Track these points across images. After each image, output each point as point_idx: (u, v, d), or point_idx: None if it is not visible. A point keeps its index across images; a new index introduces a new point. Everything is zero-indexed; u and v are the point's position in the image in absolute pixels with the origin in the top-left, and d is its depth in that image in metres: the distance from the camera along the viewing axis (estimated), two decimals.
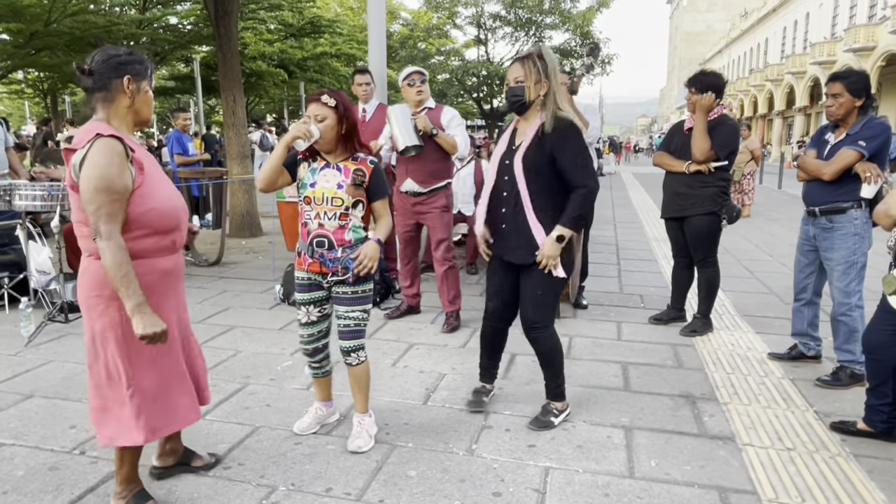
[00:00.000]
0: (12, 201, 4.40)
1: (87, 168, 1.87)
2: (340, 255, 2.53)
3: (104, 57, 1.97)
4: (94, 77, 1.95)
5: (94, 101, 1.99)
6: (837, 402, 3.13)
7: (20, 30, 16.30)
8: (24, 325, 3.99)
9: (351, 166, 2.57)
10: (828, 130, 3.35)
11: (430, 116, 4.14)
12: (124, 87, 1.98)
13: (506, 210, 2.78)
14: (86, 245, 2.00)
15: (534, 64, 2.69)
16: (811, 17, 37.73)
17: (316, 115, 2.50)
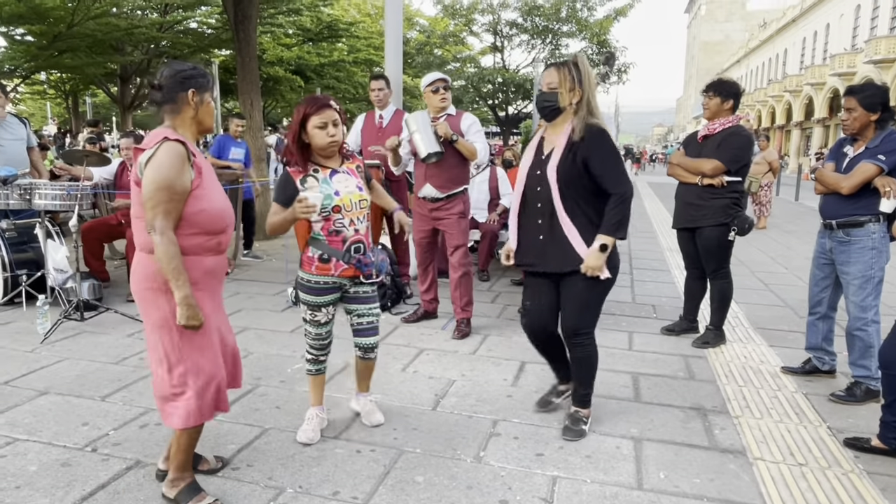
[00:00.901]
0: (32, 200, 4.48)
1: (152, 168, 2.01)
2: (372, 260, 2.67)
3: (171, 72, 2.12)
4: (163, 91, 2.11)
5: (162, 112, 2.15)
6: (851, 418, 3.08)
7: (43, 31, 16.60)
8: (40, 323, 4.05)
9: (352, 166, 2.69)
10: (846, 143, 3.32)
11: (450, 123, 4.15)
12: (189, 99, 2.13)
13: (542, 221, 2.74)
14: (141, 240, 2.12)
15: (569, 71, 2.68)
16: (831, 28, 37.43)
17: (333, 120, 2.55)
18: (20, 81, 21.09)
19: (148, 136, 2.12)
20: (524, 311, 2.96)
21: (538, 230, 2.76)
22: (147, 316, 2.15)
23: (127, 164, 5.39)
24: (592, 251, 2.64)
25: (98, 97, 28.79)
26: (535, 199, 2.76)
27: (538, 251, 2.77)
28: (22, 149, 5.11)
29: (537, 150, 2.83)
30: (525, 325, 2.96)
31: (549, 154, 2.74)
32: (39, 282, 4.70)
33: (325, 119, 2.52)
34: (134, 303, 4.85)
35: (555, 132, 2.77)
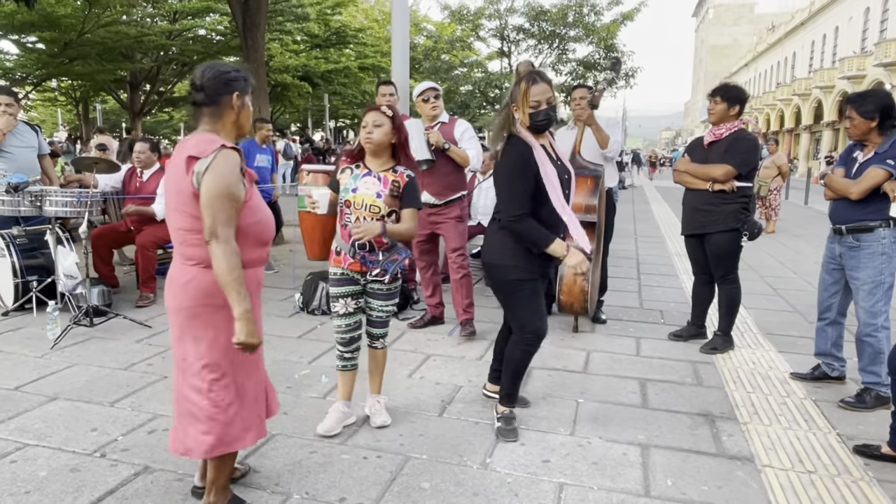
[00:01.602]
0: (42, 207, 4.52)
1: (212, 175, 1.92)
2: (381, 259, 2.74)
3: (214, 74, 2.02)
4: (205, 92, 2.01)
5: (200, 115, 2.04)
6: (861, 425, 3.06)
7: (55, 39, 16.79)
8: (50, 328, 4.08)
9: (390, 177, 2.77)
10: (856, 148, 3.31)
11: (444, 130, 4.22)
12: (233, 102, 2.05)
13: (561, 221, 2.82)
14: (193, 253, 2.00)
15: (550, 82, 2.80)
16: (840, 31, 37.25)
17: (374, 121, 2.72)
18: (32, 88, 21.34)
19: (193, 141, 1.99)
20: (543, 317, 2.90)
21: (559, 229, 2.84)
22: (194, 333, 2.02)
23: (136, 170, 5.42)
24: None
25: (108, 104, 29.10)
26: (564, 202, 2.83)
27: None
28: (33, 156, 5.16)
29: (552, 160, 2.81)
30: (542, 327, 2.86)
31: (559, 158, 2.88)
32: (50, 288, 4.74)
33: (367, 120, 2.77)
34: (143, 308, 4.94)
35: (544, 140, 2.84)
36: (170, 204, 2.04)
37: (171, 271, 2.08)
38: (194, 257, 2.00)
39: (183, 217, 1.99)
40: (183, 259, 2.03)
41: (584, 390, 3.46)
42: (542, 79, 2.72)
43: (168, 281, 2.09)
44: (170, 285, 2.07)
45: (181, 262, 2.03)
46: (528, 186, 2.69)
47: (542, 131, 2.81)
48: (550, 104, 2.73)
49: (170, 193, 2.03)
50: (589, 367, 3.82)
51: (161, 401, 3.21)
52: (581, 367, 3.82)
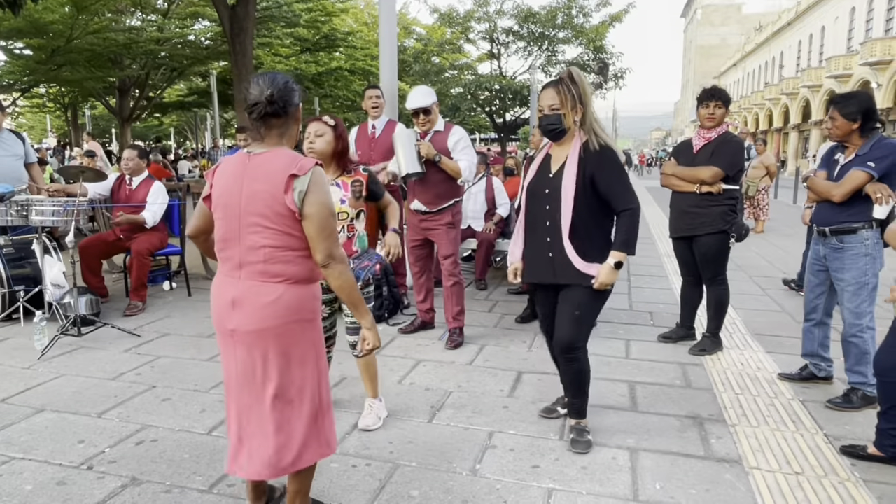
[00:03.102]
0: (29, 216, 4.49)
1: (319, 196, 1.89)
2: (352, 266, 2.77)
3: (284, 83, 1.92)
4: (276, 104, 1.90)
5: (270, 128, 1.93)
6: (848, 426, 3.08)
7: (42, 46, 16.69)
8: (37, 339, 4.05)
9: (348, 180, 2.81)
10: (837, 150, 3.34)
11: (438, 139, 4.17)
12: (298, 114, 2.00)
13: (550, 239, 2.73)
14: (281, 270, 1.92)
15: (568, 89, 2.65)
16: (827, 31, 37.58)
17: (316, 131, 2.76)
18: (19, 95, 21.18)
19: (278, 155, 1.90)
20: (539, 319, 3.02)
21: (547, 248, 2.75)
22: (285, 350, 1.95)
23: (125, 178, 5.40)
24: (607, 267, 2.66)
25: (97, 109, 28.92)
26: (542, 217, 2.74)
27: (547, 267, 2.77)
28: (18, 165, 5.13)
29: (542, 168, 2.80)
30: (545, 332, 3.01)
31: (557, 172, 2.73)
32: (37, 297, 4.71)
33: (309, 130, 2.79)
34: (131, 317, 4.91)
35: (562, 150, 2.75)
36: (251, 224, 1.90)
37: (241, 292, 1.93)
38: (282, 274, 1.92)
39: (274, 235, 1.90)
40: (265, 277, 1.92)
41: None
42: (553, 85, 2.69)
43: (234, 303, 1.93)
44: (243, 306, 1.92)
45: (262, 281, 1.92)
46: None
47: (548, 136, 2.76)
48: (552, 110, 2.67)
49: (253, 214, 1.89)
50: None
51: (149, 411, 3.19)
52: None
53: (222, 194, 1.96)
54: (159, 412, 3.19)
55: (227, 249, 1.97)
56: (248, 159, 1.93)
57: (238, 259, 1.94)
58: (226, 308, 1.96)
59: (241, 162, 1.94)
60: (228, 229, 1.95)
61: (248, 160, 1.93)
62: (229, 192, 1.94)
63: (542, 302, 2.96)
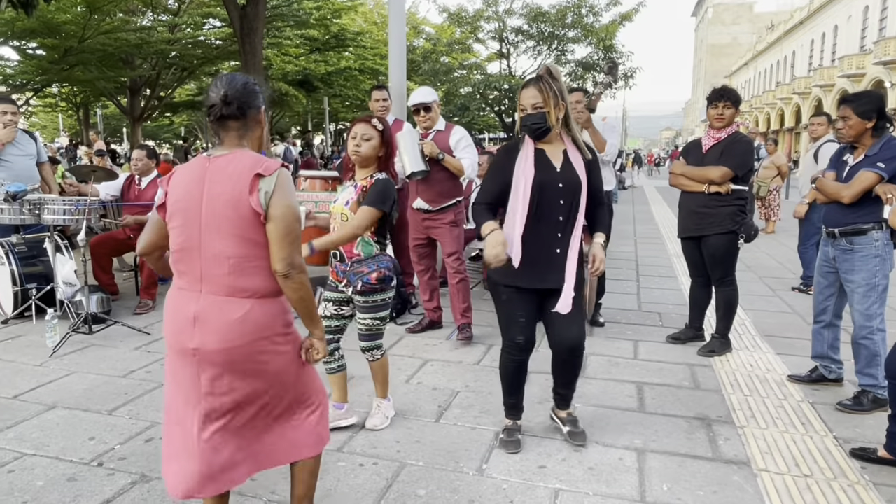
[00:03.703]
0: (41, 215, 4.54)
1: (284, 197, 1.78)
2: (348, 269, 2.82)
3: (243, 84, 1.83)
4: (233, 105, 1.81)
5: (227, 130, 1.84)
6: (858, 428, 3.06)
7: (55, 46, 16.83)
8: (49, 336, 4.09)
9: (363, 183, 2.80)
10: (846, 151, 3.31)
11: (439, 138, 4.23)
12: (261, 115, 1.90)
13: (561, 234, 2.68)
14: (248, 283, 1.80)
15: (549, 86, 2.62)
16: (840, 30, 37.24)
17: (363, 135, 2.74)
18: (32, 95, 21.39)
19: (240, 156, 1.81)
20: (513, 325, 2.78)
21: (555, 244, 2.68)
22: (264, 368, 1.85)
23: (135, 177, 5.44)
24: (599, 246, 2.78)
25: (109, 109, 29.15)
26: (554, 212, 2.67)
27: (554, 266, 2.68)
28: (31, 164, 5.18)
29: (541, 163, 2.70)
30: (524, 340, 2.76)
31: (563, 166, 2.70)
32: (49, 295, 4.75)
33: (356, 131, 2.80)
34: (141, 315, 4.95)
35: (554, 146, 2.73)
36: (214, 231, 1.78)
37: (203, 308, 1.79)
38: (249, 288, 1.80)
39: (239, 243, 1.77)
40: (231, 291, 1.79)
41: (581, 394, 3.45)
42: (534, 84, 2.65)
43: (196, 319, 1.79)
44: (206, 323, 1.78)
45: (228, 296, 1.79)
46: (493, 185, 2.77)
47: (532, 135, 2.69)
48: (535, 109, 2.63)
49: (215, 219, 1.77)
50: (586, 371, 3.82)
51: (158, 409, 3.22)
52: None
53: (179, 200, 1.81)
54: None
55: (185, 261, 1.82)
56: (209, 162, 1.81)
57: (199, 271, 1.80)
58: (185, 325, 1.80)
59: (201, 165, 1.82)
60: (188, 238, 1.80)
61: (209, 163, 1.81)
62: (188, 196, 1.80)
63: (524, 306, 2.74)
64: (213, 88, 1.83)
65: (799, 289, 6.12)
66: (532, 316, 2.78)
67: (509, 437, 2.87)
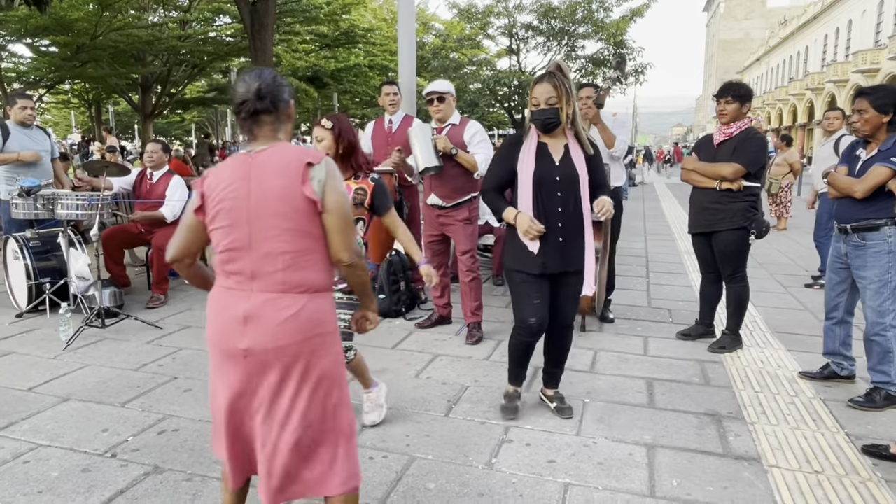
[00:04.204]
0: (55, 210, 4.59)
1: (337, 184, 1.76)
2: None
3: (273, 78, 1.79)
4: (266, 100, 1.76)
5: (261, 125, 1.78)
6: (870, 425, 3.04)
7: (67, 43, 16.97)
8: (63, 330, 4.14)
9: (353, 185, 2.74)
10: (859, 146, 3.28)
11: (454, 133, 4.19)
12: (290, 110, 1.84)
13: (562, 224, 2.85)
14: (304, 278, 1.75)
15: (561, 82, 2.76)
16: (854, 25, 36.84)
17: (317, 137, 2.73)
18: (45, 91, 21.58)
19: (284, 148, 1.77)
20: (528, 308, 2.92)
21: (557, 233, 2.85)
22: (308, 369, 1.76)
23: (146, 172, 5.48)
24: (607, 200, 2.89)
25: (120, 105, 29.37)
26: (554, 203, 2.84)
27: (559, 253, 2.87)
28: (46, 160, 5.24)
29: (542, 157, 2.86)
30: (535, 321, 2.92)
31: (562, 160, 2.86)
32: (62, 289, 4.81)
33: (314, 135, 2.76)
34: (153, 309, 5.00)
35: (556, 140, 2.89)
36: (266, 227, 1.72)
37: (254, 306, 1.73)
38: (304, 283, 1.75)
39: (294, 237, 1.73)
40: (286, 287, 1.73)
41: (591, 390, 3.46)
42: (548, 79, 2.78)
43: (247, 319, 1.73)
44: (258, 322, 1.72)
45: (282, 293, 1.73)
46: (500, 170, 2.99)
47: (543, 129, 2.85)
48: (549, 104, 2.77)
49: (267, 215, 1.72)
50: (596, 367, 3.82)
51: (170, 401, 3.25)
52: (588, 367, 3.82)
53: (223, 199, 1.75)
54: (181, 402, 3.24)
55: (235, 261, 1.75)
56: (251, 158, 1.76)
57: (250, 270, 1.74)
58: (235, 325, 1.74)
59: (243, 162, 1.76)
60: (237, 237, 1.74)
61: (251, 159, 1.75)
62: (234, 195, 1.74)
63: (537, 288, 2.91)
64: (242, 84, 1.77)
65: (815, 286, 6.04)
66: (545, 299, 2.94)
67: (509, 402, 3.15)
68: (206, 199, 1.78)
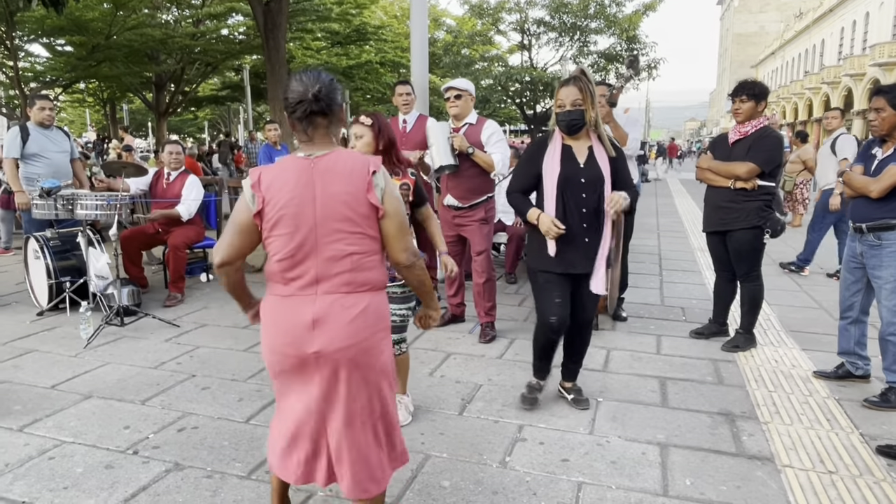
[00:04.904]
0: (74, 210, 4.67)
1: (393, 191, 1.84)
2: None
3: (329, 81, 1.80)
4: (322, 103, 1.78)
5: (316, 127, 1.81)
6: (885, 425, 3.03)
7: (83, 42, 17.16)
8: (83, 328, 4.22)
9: (396, 182, 2.77)
10: (875, 144, 3.26)
11: (471, 132, 4.19)
12: (342, 113, 1.88)
13: (587, 225, 2.94)
14: (367, 278, 1.82)
15: (586, 86, 2.87)
16: (871, 17, 36.27)
17: (356, 134, 2.76)
18: (61, 91, 21.84)
19: (347, 155, 1.82)
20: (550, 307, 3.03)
21: (584, 234, 2.94)
22: (372, 363, 1.84)
23: (163, 172, 5.55)
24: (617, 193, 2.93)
25: (134, 104, 29.64)
26: (580, 205, 2.92)
27: (582, 253, 2.97)
28: (66, 160, 5.34)
29: (566, 159, 2.95)
30: (556, 320, 3.01)
31: (586, 162, 2.95)
32: (82, 288, 4.89)
33: (351, 133, 2.81)
34: (171, 307, 5.07)
35: (580, 142, 2.98)
36: (332, 231, 1.77)
37: (322, 309, 1.78)
38: (368, 282, 1.82)
39: (360, 240, 1.80)
40: (352, 287, 1.80)
41: (604, 389, 3.48)
42: (574, 82, 2.88)
43: (315, 322, 1.77)
44: (328, 324, 1.77)
45: (346, 293, 1.79)
46: (525, 172, 3.08)
47: (568, 131, 2.94)
48: (575, 106, 2.86)
49: (333, 219, 1.77)
50: (609, 366, 3.83)
51: (189, 399, 3.31)
52: (601, 366, 3.83)
53: (288, 205, 1.76)
54: (199, 400, 3.30)
55: (299, 266, 1.78)
56: (312, 163, 1.78)
57: (315, 274, 1.78)
58: (304, 330, 1.77)
59: (306, 168, 1.78)
60: (302, 242, 1.77)
61: (313, 164, 1.78)
62: (298, 201, 1.76)
63: (559, 288, 3.02)
64: (299, 84, 1.77)
65: (789, 267, 6.50)
66: (567, 298, 3.04)
67: (529, 392, 3.25)
68: (265, 204, 1.78)
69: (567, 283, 3.02)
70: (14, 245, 7.52)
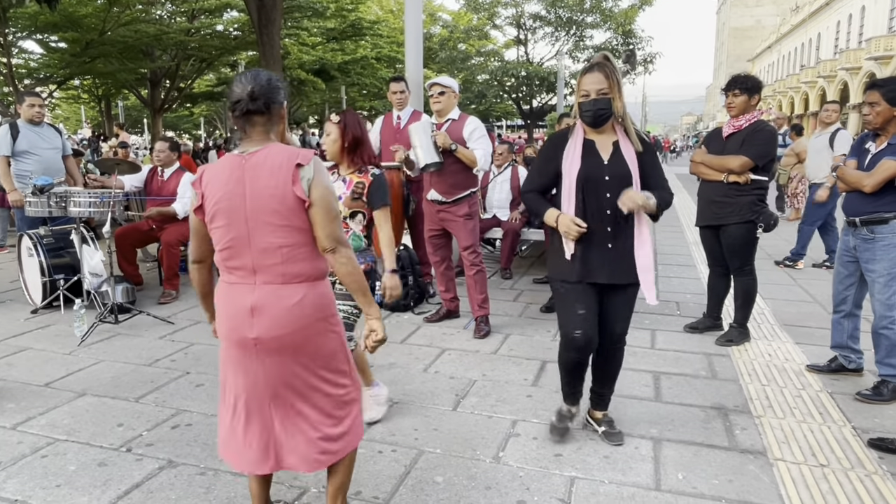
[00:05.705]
0: (67, 207, 4.65)
1: (322, 179, 1.86)
2: None
3: (267, 80, 1.87)
4: (259, 101, 1.84)
5: (253, 125, 1.87)
6: (877, 418, 3.05)
7: (76, 39, 17.07)
8: (77, 326, 4.21)
9: (355, 179, 2.78)
10: (868, 139, 3.27)
11: (453, 128, 4.23)
12: (283, 111, 1.94)
13: (611, 229, 2.60)
14: (301, 269, 1.88)
15: (612, 72, 2.55)
16: (867, 11, 36.32)
17: (326, 133, 2.83)
18: (55, 87, 21.74)
19: (276, 150, 1.86)
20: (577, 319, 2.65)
21: (606, 238, 2.61)
22: (317, 349, 1.93)
23: (157, 170, 5.53)
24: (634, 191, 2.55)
25: (130, 100, 29.54)
26: (603, 206, 2.58)
27: (606, 261, 2.62)
28: (58, 157, 5.31)
29: (588, 154, 2.61)
30: (581, 335, 2.63)
31: (611, 158, 2.61)
32: (76, 286, 4.88)
33: (325, 129, 2.86)
34: (165, 304, 5.07)
35: (604, 136, 2.64)
36: (262, 224, 1.84)
37: (259, 297, 1.86)
38: (302, 273, 1.88)
39: (289, 233, 1.85)
40: (287, 279, 1.87)
41: None
42: (598, 68, 2.55)
43: (254, 310, 1.85)
44: (265, 312, 1.85)
45: (281, 283, 1.86)
46: (542, 169, 2.74)
47: (594, 123, 2.59)
48: (601, 94, 2.53)
49: (262, 213, 1.84)
50: None
51: (183, 396, 3.31)
52: None
53: (220, 200, 1.85)
54: (193, 397, 3.30)
55: (236, 257, 1.87)
56: (244, 160, 1.85)
57: (251, 264, 1.86)
58: (244, 316, 1.86)
59: (237, 164, 1.86)
60: (236, 235, 1.86)
61: (244, 161, 1.85)
62: (230, 195, 1.85)
63: (583, 299, 2.64)
64: (238, 84, 1.85)
65: (784, 263, 6.58)
66: (593, 310, 2.66)
67: (559, 422, 2.86)
68: (204, 199, 1.90)
69: (592, 293, 2.64)
70: (8, 243, 7.50)
